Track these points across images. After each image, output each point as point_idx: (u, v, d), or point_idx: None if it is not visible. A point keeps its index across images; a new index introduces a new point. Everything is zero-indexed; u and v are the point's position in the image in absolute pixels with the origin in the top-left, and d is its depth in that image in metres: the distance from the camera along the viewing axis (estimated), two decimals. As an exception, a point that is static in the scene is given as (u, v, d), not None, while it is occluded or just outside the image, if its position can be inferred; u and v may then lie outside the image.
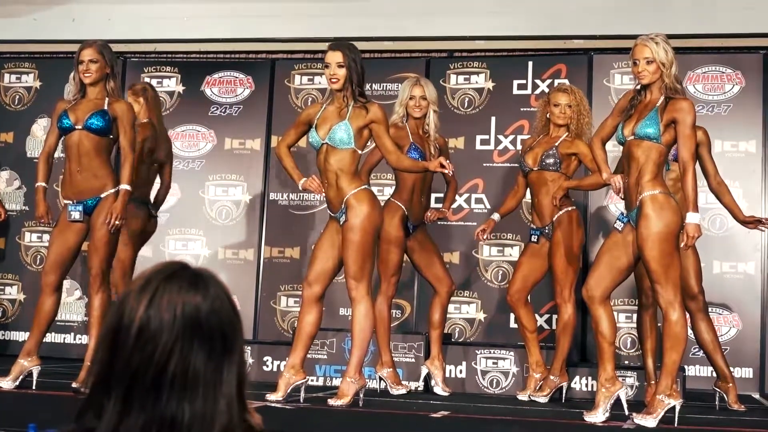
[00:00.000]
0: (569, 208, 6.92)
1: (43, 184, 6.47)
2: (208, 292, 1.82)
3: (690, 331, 6.40)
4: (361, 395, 6.12)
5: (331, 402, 5.99)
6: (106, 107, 6.37)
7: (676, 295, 5.54)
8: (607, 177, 5.90)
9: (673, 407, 5.52)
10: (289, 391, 6.04)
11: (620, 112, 5.87)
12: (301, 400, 6.07)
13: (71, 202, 6.35)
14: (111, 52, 6.49)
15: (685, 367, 7.50)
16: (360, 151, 6.14)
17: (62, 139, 6.50)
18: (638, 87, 5.80)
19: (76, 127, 6.35)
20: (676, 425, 5.51)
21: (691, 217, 5.54)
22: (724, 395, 6.71)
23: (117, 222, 6.25)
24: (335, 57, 6.11)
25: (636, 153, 5.67)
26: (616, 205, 8.28)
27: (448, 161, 6.02)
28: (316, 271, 6.14)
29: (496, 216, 7.22)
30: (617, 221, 5.86)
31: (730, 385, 6.71)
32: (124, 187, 6.29)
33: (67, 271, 6.57)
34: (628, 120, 5.76)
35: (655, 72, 5.67)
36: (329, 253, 6.14)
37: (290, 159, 6.28)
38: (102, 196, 6.32)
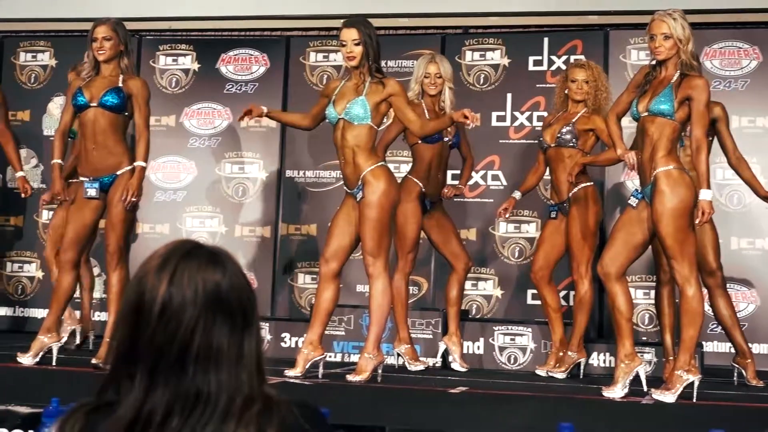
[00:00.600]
0: (586, 184, 6.90)
1: (59, 161, 6.48)
2: (227, 269, 1.86)
3: (708, 307, 6.41)
4: (380, 371, 6.14)
5: (350, 378, 6.01)
6: (120, 84, 6.39)
7: (692, 271, 5.52)
8: (621, 153, 5.88)
9: (692, 383, 5.52)
10: (307, 366, 6.06)
11: (635, 87, 5.85)
12: (320, 376, 6.09)
13: (87, 179, 6.37)
14: (125, 30, 6.49)
15: (704, 343, 7.50)
16: (377, 128, 6.14)
17: (77, 116, 6.51)
18: (653, 62, 5.77)
19: (91, 104, 6.36)
20: (694, 401, 5.51)
21: (704, 194, 5.51)
22: (743, 371, 6.71)
23: (134, 199, 6.28)
24: (351, 34, 6.10)
25: (650, 129, 5.65)
26: (633, 181, 8.25)
27: (471, 113, 5.98)
28: (333, 247, 6.14)
29: (517, 194, 7.21)
30: (631, 197, 5.84)
31: (749, 360, 6.70)
32: (140, 164, 6.31)
33: (85, 248, 6.61)
34: (643, 96, 5.73)
35: (671, 48, 5.64)
36: (346, 229, 6.15)
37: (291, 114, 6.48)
38: (118, 173, 6.33)
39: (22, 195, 7.29)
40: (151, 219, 9.26)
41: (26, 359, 6.31)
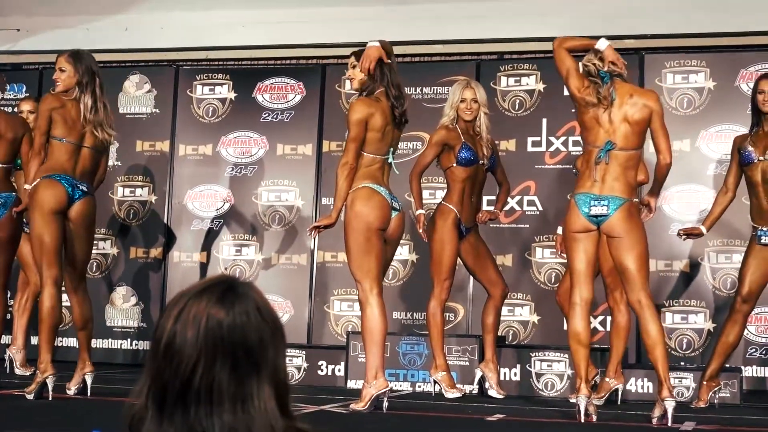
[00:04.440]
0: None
1: None
2: (233, 308, 1.83)
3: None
4: (385, 400, 5.88)
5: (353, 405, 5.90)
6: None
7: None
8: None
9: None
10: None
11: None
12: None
13: None
14: (86, 60, 6.30)
15: (742, 367, 7.43)
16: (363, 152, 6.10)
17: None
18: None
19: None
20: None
21: None
22: None
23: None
24: (352, 61, 6.29)
25: None
26: (669, 206, 8.24)
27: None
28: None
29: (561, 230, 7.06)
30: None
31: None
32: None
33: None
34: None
35: None
36: None
37: None
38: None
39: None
40: (188, 248, 9.31)
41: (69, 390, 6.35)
